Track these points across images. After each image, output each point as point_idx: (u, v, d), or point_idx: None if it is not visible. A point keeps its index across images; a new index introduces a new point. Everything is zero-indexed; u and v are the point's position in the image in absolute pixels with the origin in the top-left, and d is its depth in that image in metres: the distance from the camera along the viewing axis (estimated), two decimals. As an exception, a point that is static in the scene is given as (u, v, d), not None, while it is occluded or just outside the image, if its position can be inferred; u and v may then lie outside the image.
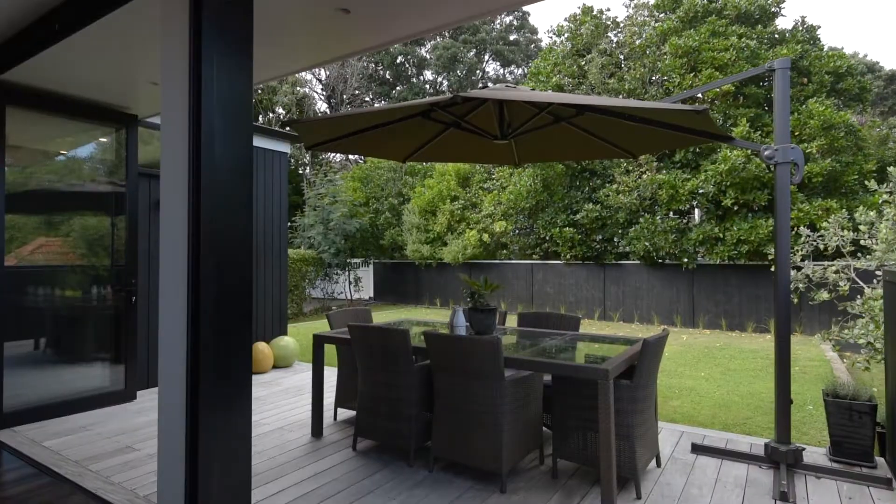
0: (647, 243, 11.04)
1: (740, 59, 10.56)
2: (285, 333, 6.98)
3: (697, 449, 3.75)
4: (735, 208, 10.41)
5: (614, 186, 11.78)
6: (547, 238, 13.07)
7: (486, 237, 13.93)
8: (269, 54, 3.53)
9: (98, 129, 5.02)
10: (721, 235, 10.37)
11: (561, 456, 3.26)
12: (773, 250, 9.60)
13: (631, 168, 11.80)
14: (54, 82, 4.24)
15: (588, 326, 11.37)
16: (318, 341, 4.07)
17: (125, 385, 5.03)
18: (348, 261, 16.33)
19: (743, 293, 10.51)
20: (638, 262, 11.71)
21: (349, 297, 16.89)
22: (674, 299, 11.32)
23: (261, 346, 6.23)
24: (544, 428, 3.77)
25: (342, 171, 21.06)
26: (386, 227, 16.68)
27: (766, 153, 3.48)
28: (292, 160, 24.66)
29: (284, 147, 7.01)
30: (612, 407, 2.76)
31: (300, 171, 22.92)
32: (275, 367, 6.47)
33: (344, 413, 4.61)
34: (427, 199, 15.33)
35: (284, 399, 5.15)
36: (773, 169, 3.82)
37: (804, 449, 3.48)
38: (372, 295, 17.52)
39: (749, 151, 9.92)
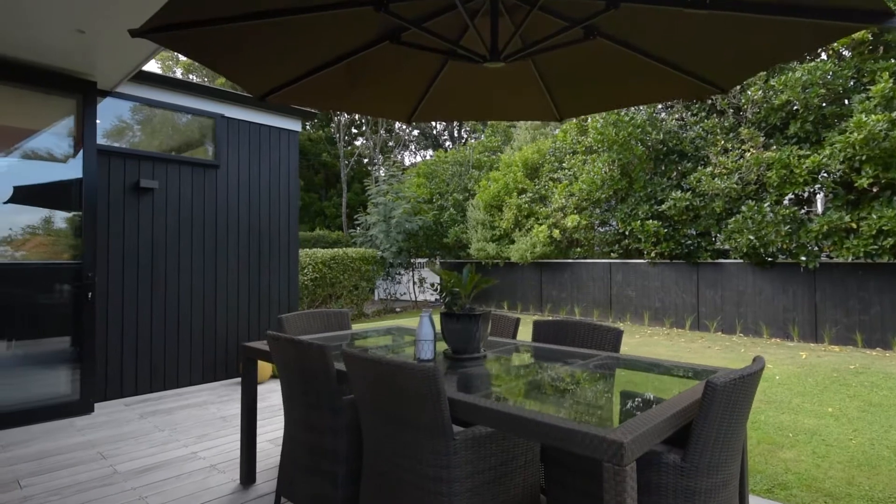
0: (752, 237, 8.93)
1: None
2: (295, 338, 6.07)
3: (823, 563, 2.18)
4: (874, 190, 8.05)
5: (709, 169, 9.75)
6: (627, 233, 11.24)
7: (556, 233, 12.34)
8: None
9: (52, 101, 4.36)
10: (854, 226, 8.05)
11: (561, 571, 1.90)
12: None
13: (730, 146, 9.72)
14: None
15: (677, 338, 9.46)
16: (249, 354, 2.99)
17: (80, 395, 4.32)
18: (412, 260, 15.47)
19: (886, 299, 8.09)
20: (740, 260, 9.58)
21: (413, 299, 16.03)
22: (789, 307, 9.07)
23: (256, 353, 5.34)
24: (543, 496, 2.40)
25: (410, 167, 20.34)
26: (450, 225, 15.59)
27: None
28: (364, 160, 24.44)
29: (294, 125, 6.12)
30: (633, 515, 1.38)
31: (368, 170, 22.59)
32: (274, 376, 5.56)
33: (304, 449, 3.51)
34: (492, 192, 14.03)
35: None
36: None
37: None
38: (438, 297, 16.54)
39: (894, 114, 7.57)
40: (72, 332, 4.34)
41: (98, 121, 4.89)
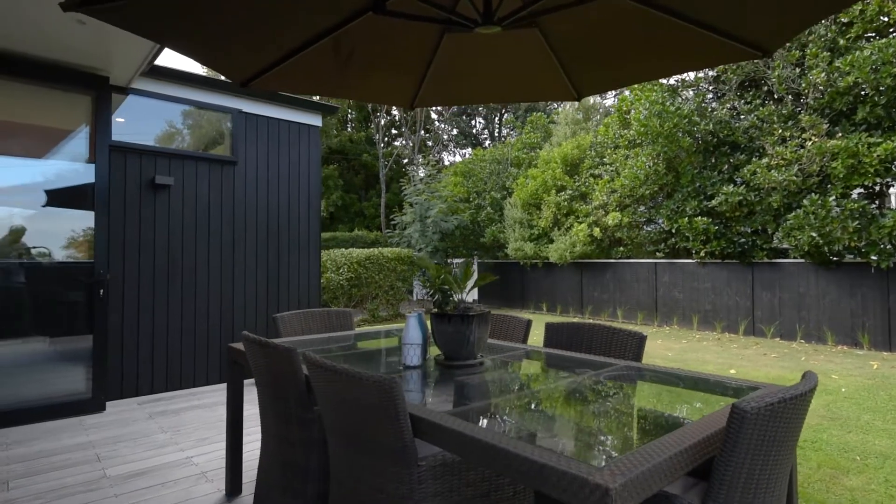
0: (814, 234, 8.12)
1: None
2: (315, 339, 5.91)
3: None
4: (960, 180, 7.14)
5: (764, 161, 8.96)
6: (673, 231, 10.54)
7: (597, 232, 11.76)
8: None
9: (69, 98, 4.33)
10: (936, 220, 7.17)
11: None
12: None
13: (788, 135, 8.90)
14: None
15: (728, 344, 8.74)
16: (234, 357, 2.78)
17: (92, 393, 4.27)
18: (449, 261, 15.20)
19: (975, 304, 7.16)
20: (801, 259, 8.76)
21: (450, 300, 15.75)
22: (857, 311, 8.20)
23: (272, 354, 5.20)
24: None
25: (449, 166, 20.09)
26: (487, 224, 15.23)
27: None
28: (405, 160, 24.39)
29: (314, 119, 5.96)
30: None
31: (406, 170, 22.45)
32: (291, 378, 5.40)
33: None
34: (530, 190, 13.56)
35: (257, 424, 3.99)
36: None
37: None
38: (476, 297, 16.18)
39: None
40: (84, 330, 4.30)
41: (121, 119, 4.88)
